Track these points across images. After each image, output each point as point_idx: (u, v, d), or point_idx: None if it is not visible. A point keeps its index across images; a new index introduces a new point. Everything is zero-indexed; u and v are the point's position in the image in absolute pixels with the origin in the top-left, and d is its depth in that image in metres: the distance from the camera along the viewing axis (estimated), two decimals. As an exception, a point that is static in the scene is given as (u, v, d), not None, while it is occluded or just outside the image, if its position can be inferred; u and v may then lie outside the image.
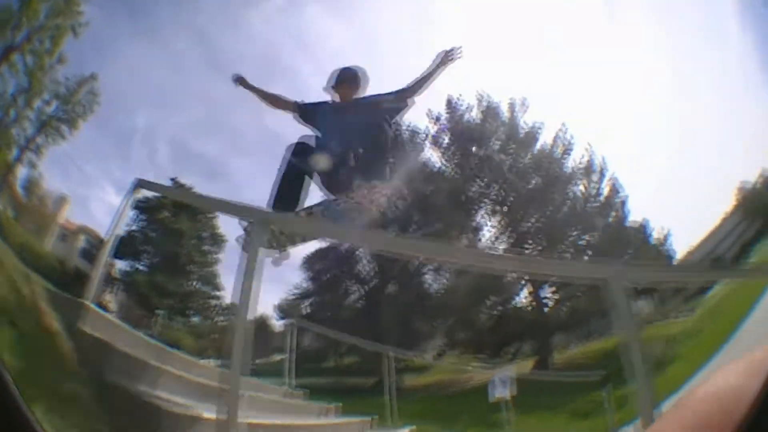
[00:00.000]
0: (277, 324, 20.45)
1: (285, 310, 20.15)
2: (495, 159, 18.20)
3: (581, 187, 18.12)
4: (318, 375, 12.98)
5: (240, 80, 3.54)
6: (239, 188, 25.03)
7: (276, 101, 3.56)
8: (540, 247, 17.84)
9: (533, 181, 18.01)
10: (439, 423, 6.81)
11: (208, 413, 2.26)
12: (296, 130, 3.41)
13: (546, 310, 18.14)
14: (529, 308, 17.89)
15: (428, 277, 20.30)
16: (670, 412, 0.40)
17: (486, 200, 18.80)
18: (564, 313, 18.61)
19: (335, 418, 4.25)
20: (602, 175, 18.10)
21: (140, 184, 3.38)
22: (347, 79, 3.44)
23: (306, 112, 3.46)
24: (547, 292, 18.17)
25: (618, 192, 18.01)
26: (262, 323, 18.92)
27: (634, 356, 1.69)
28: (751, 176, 20.21)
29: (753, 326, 8.47)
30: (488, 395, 4.90)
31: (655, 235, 19.77)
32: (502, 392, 4.44)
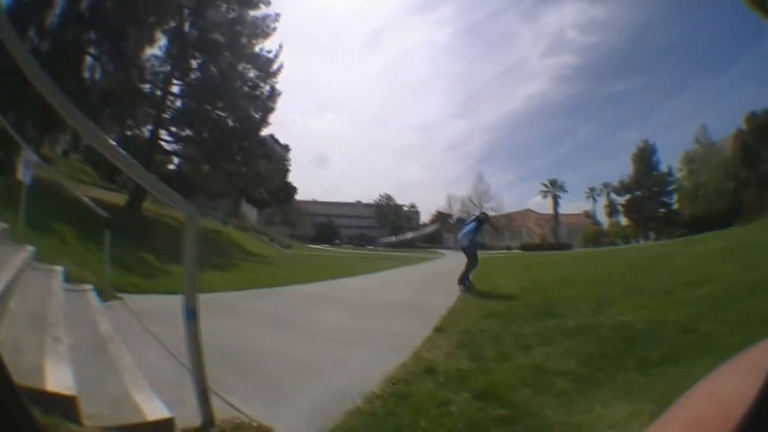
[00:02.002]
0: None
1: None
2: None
3: (251, 73, 18.25)
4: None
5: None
6: None
7: None
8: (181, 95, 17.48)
9: (215, 36, 17.14)
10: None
11: None
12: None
13: (158, 157, 17.93)
14: (145, 143, 17.10)
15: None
16: (670, 411, 0.39)
17: (165, 24, 16.74)
18: (181, 172, 19.18)
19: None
20: (274, 81, 18.60)
21: None
22: None
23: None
24: (167, 137, 17.93)
25: (273, 99, 18.70)
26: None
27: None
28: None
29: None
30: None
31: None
32: (24, 172, 4.30)
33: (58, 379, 1.81)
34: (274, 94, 18.69)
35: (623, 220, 51.59)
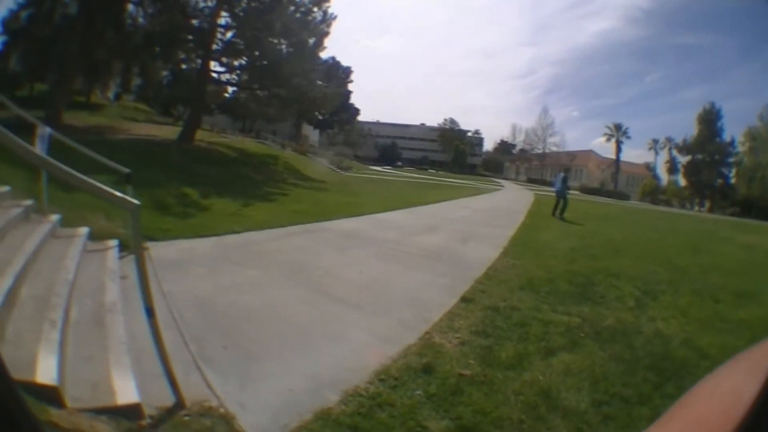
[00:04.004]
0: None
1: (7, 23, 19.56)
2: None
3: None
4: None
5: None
6: None
7: None
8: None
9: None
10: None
11: None
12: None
13: (210, 87, 18.07)
14: (197, 78, 17.27)
15: (133, 11, 17.37)
16: (671, 411, 0.39)
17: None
18: (236, 99, 19.36)
19: None
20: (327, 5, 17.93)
21: None
22: None
23: None
24: (220, 69, 18.02)
25: (327, 23, 18.23)
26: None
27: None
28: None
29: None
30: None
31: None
32: (41, 147, 4.34)
33: (44, 370, 1.91)
34: (326, 18, 18.00)
35: (681, 181, 49.26)
